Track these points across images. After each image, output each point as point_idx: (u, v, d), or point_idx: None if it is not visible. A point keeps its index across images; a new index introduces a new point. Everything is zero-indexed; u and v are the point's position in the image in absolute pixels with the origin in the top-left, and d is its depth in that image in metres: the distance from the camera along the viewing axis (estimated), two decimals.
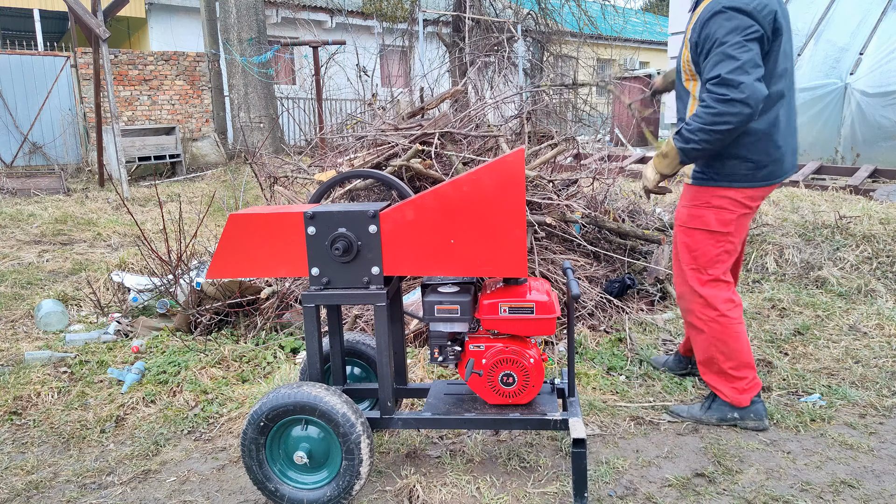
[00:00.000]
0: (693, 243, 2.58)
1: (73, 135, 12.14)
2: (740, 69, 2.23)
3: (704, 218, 2.54)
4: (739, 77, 2.22)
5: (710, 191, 2.53)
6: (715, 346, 2.58)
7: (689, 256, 2.60)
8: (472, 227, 2.01)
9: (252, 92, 11.90)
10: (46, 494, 2.31)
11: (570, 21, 11.49)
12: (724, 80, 2.24)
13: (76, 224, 7.14)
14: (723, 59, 2.27)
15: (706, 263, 2.57)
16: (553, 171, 4.89)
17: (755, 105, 2.24)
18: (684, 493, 2.20)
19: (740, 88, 2.22)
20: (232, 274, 2.19)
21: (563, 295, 3.64)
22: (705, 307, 2.58)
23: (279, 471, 2.12)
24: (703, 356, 2.65)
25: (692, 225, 2.58)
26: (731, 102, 2.24)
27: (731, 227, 2.53)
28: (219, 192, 8.64)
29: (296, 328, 3.70)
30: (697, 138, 2.34)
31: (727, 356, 2.57)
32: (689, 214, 2.59)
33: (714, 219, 2.53)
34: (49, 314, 3.96)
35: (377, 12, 13.47)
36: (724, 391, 2.62)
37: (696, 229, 2.57)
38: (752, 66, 2.25)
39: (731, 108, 2.24)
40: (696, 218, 2.57)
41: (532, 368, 2.18)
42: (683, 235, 2.62)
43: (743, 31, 2.27)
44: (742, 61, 2.24)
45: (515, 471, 2.34)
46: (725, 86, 2.25)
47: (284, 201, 4.56)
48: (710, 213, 2.53)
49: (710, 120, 2.29)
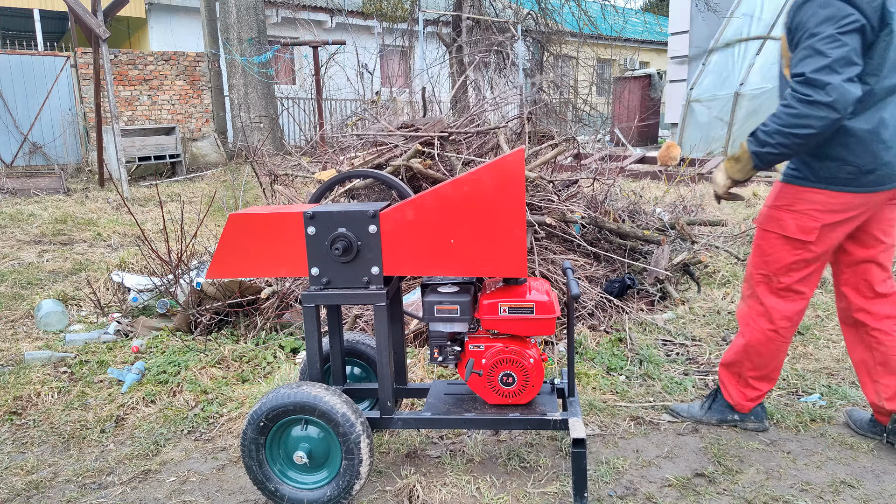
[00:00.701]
0: (767, 247, 2.34)
1: (73, 135, 12.14)
2: (828, 68, 1.98)
3: (782, 222, 2.28)
4: (826, 77, 1.97)
5: (797, 191, 2.25)
6: (748, 355, 2.45)
7: (760, 260, 2.38)
8: (472, 227, 2.01)
9: (252, 92, 11.90)
10: (46, 494, 2.31)
11: (570, 21, 11.48)
12: (809, 80, 2.00)
13: (76, 224, 7.14)
14: (810, 55, 2.02)
15: (777, 271, 2.33)
16: (553, 172, 4.89)
17: (842, 109, 1.99)
18: (684, 493, 2.20)
19: (826, 90, 1.97)
20: (232, 274, 2.19)
21: (563, 295, 3.64)
22: (761, 317, 2.40)
23: (279, 471, 2.12)
24: (732, 356, 2.51)
25: (767, 227, 2.34)
26: (815, 105, 2.00)
27: (811, 235, 2.24)
28: (219, 192, 8.64)
29: (296, 328, 3.70)
30: (774, 141, 2.11)
31: (756, 366, 2.46)
32: (766, 215, 2.35)
33: (793, 224, 2.26)
34: (49, 314, 3.96)
35: (377, 12, 13.47)
36: (733, 393, 2.54)
37: (770, 232, 2.33)
38: (843, 63, 1.98)
39: (814, 110, 2.00)
40: (773, 220, 2.31)
41: (532, 368, 2.18)
42: (758, 236, 2.40)
43: (838, 21, 1.99)
44: (831, 59, 1.98)
45: (515, 471, 2.34)
46: (810, 86, 2.00)
47: (284, 201, 4.56)
48: (790, 218, 2.27)
49: (789, 122, 2.06)
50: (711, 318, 3.84)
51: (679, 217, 5.23)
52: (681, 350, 3.45)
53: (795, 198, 2.26)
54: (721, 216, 6.15)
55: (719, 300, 4.09)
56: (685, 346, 3.48)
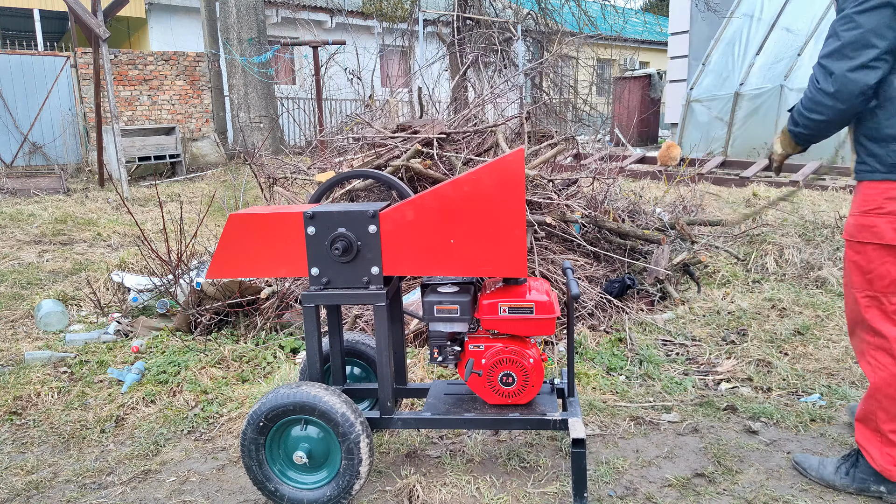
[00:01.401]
0: (866, 262, 1.99)
1: (73, 135, 12.14)
2: (837, 53, 1.86)
3: (877, 228, 1.95)
4: (833, 64, 1.87)
5: (883, 189, 1.95)
6: (879, 402, 2.03)
7: (862, 279, 2.02)
8: (472, 227, 2.01)
9: (252, 92, 11.90)
10: (46, 494, 2.31)
11: (570, 21, 11.48)
12: (820, 66, 1.92)
13: (76, 224, 7.14)
14: (830, 35, 1.91)
15: (886, 289, 1.97)
16: (553, 171, 4.89)
17: (846, 101, 1.87)
18: (684, 493, 2.20)
19: (832, 80, 1.88)
20: (232, 274, 2.19)
21: (563, 295, 3.64)
22: (881, 352, 2.02)
23: (279, 471, 2.12)
24: (864, 409, 2.09)
25: (862, 238, 2.00)
26: (822, 93, 1.92)
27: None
28: (219, 192, 8.64)
29: (296, 328, 3.70)
30: (802, 122, 2.05)
31: (892, 417, 2.03)
32: (856, 224, 2.02)
33: (890, 229, 1.93)
34: (49, 314, 3.96)
35: (377, 12, 13.47)
36: (875, 456, 2.07)
37: (865, 244, 1.99)
38: (855, 48, 1.83)
39: (822, 98, 1.93)
40: (866, 229, 1.98)
41: (532, 368, 2.18)
42: (852, 252, 2.04)
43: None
44: (842, 42, 1.86)
45: (515, 471, 2.34)
46: (821, 71, 1.92)
47: (284, 202, 4.56)
48: (884, 222, 1.94)
49: (808, 105, 1.99)
50: (711, 318, 3.84)
51: (679, 217, 5.23)
52: (681, 350, 3.45)
53: (884, 196, 1.95)
54: (721, 216, 6.15)
55: (719, 300, 4.09)
56: (685, 346, 3.48)
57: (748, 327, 3.65)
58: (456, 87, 7.33)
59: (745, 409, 2.76)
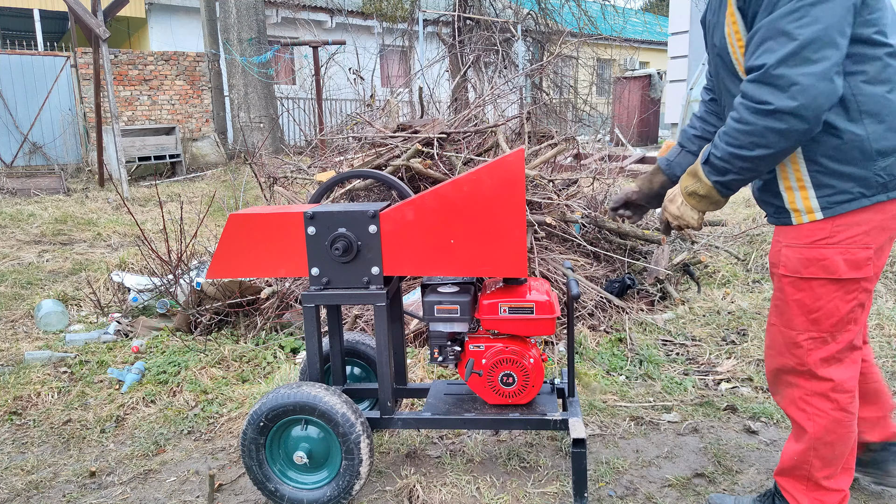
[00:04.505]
0: (811, 301, 1.69)
1: (73, 135, 12.14)
2: (795, 57, 1.44)
3: (827, 262, 1.64)
4: (791, 72, 1.44)
5: (839, 219, 1.63)
6: (816, 450, 1.78)
7: (805, 321, 1.71)
8: (472, 227, 2.01)
9: (252, 92, 11.90)
10: (46, 494, 2.31)
11: (570, 21, 11.48)
12: (767, 77, 1.47)
13: (76, 224, 7.14)
14: (770, 37, 1.47)
15: (835, 327, 1.69)
16: (553, 171, 4.89)
17: (815, 118, 1.47)
18: (684, 493, 2.20)
19: (791, 92, 1.45)
20: (232, 274, 2.19)
21: (563, 295, 3.64)
22: (817, 396, 1.75)
23: (279, 471, 2.12)
24: (791, 461, 1.84)
25: (808, 274, 1.67)
26: (775, 115, 1.48)
27: (868, 267, 1.64)
28: (219, 192, 8.64)
29: (296, 328, 3.70)
30: (735, 167, 1.61)
31: (827, 462, 1.79)
32: (801, 259, 1.68)
33: (843, 260, 1.63)
34: (49, 314, 3.96)
35: (377, 12, 13.47)
36: (803, 501, 1.83)
37: (811, 280, 1.67)
38: (818, 48, 1.43)
39: (773, 123, 1.49)
40: (813, 263, 1.66)
41: (532, 368, 2.18)
42: (794, 290, 1.71)
43: None
44: (799, 42, 1.44)
45: (515, 471, 2.34)
46: (768, 86, 1.48)
47: (284, 201, 4.56)
48: (836, 252, 1.63)
49: (744, 141, 1.55)
50: (711, 318, 3.84)
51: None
52: (681, 350, 3.45)
53: (836, 224, 1.63)
54: (721, 216, 6.16)
55: (719, 300, 4.09)
56: (685, 346, 3.48)
57: (748, 327, 3.65)
58: (456, 88, 7.33)
59: (745, 409, 2.76)
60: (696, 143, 2.06)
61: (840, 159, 1.59)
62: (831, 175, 1.61)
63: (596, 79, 13.45)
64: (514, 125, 5.20)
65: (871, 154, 1.57)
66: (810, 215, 1.65)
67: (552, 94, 10.98)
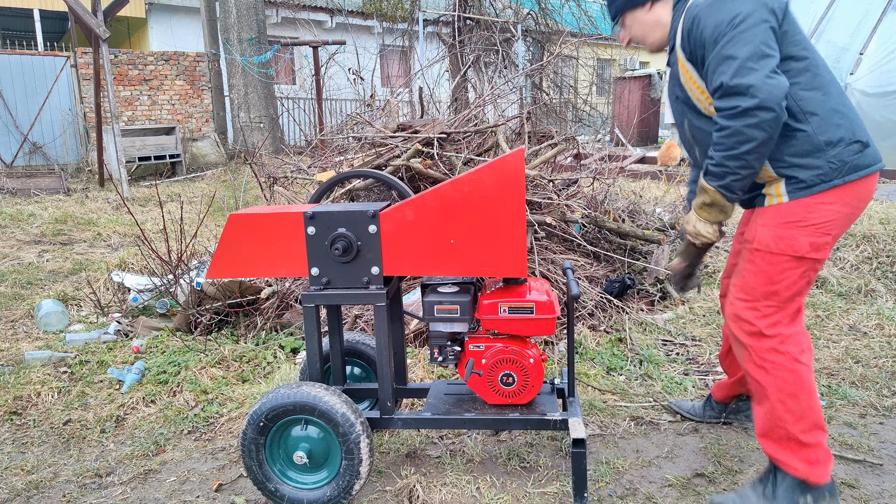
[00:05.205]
0: (775, 273, 1.96)
1: (73, 135, 12.14)
2: (742, 69, 1.78)
3: (795, 241, 1.93)
4: (743, 80, 1.78)
5: (810, 201, 1.92)
6: (783, 404, 1.97)
7: (768, 289, 1.98)
8: (472, 227, 2.01)
9: (252, 92, 11.90)
10: (46, 494, 2.31)
11: (570, 21, 11.48)
12: (728, 90, 1.80)
13: (76, 224, 7.14)
14: (719, 64, 1.83)
15: (791, 296, 1.98)
16: (553, 171, 4.89)
17: (776, 105, 1.77)
18: (684, 493, 2.20)
19: (750, 92, 1.77)
20: (232, 274, 2.19)
21: (563, 295, 3.64)
22: (777, 353, 1.98)
23: (279, 471, 2.12)
24: (766, 422, 2.03)
25: (776, 249, 1.96)
26: (746, 114, 1.79)
27: (825, 250, 1.96)
28: (219, 192, 8.64)
29: (296, 328, 3.70)
30: (731, 168, 1.87)
31: (798, 416, 1.97)
32: (774, 236, 1.96)
33: (808, 241, 1.93)
34: (49, 314, 3.96)
35: (377, 12, 13.47)
36: (794, 464, 1.99)
37: (779, 254, 1.96)
38: (756, 59, 1.78)
39: (748, 119, 1.79)
40: (783, 240, 1.95)
41: (532, 368, 2.18)
42: (761, 261, 1.99)
43: (730, 20, 1.82)
44: (741, 58, 1.79)
45: (515, 471, 2.34)
46: (732, 96, 1.80)
47: (284, 201, 4.56)
48: (803, 235, 1.93)
49: (731, 143, 1.84)
50: (711, 318, 3.84)
51: (679, 217, 5.23)
52: (681, 350, 3.45)
53: (808, 207, 1.92)
54: None
55: (719, 300, 4.08)
56: (685, 346, 3.48)
57: None
58: (456, 88, 7.33)
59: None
60: None
61: (798, 153, 1.92)
62: (793, 167, 1.94)
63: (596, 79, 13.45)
64: (514, 125, 5.20)
65: (819, 145, 1.90)
66: (779, 199, 1.98)
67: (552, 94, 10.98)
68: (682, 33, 1.98)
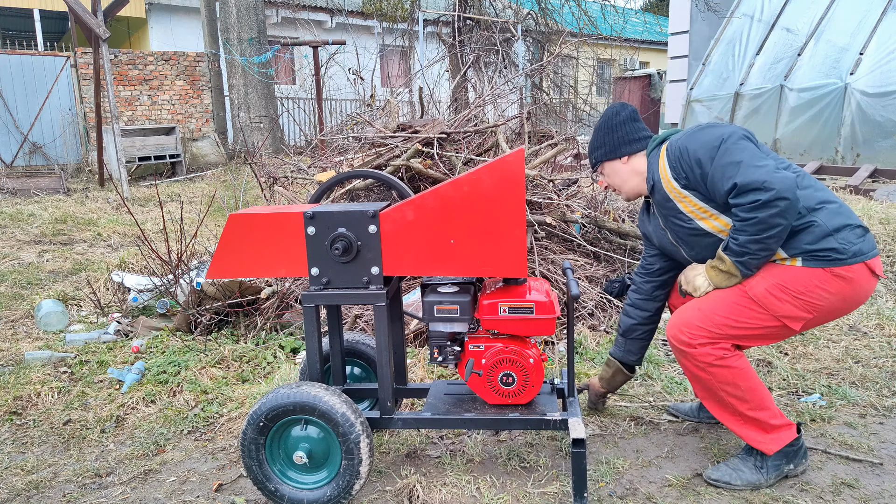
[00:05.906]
0: (746, 317, 2.10)
1: (73, 135, 12.14)
2: (750, 168, 1.96)
3: (781, 304, 2.07)
4: (756, 178, 1.93)
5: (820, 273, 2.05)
6: (725, 391, 2.16)
7: (731, 320, 2.11)
8: (472, 227, 2.01)
9: (252, 92, 11.90)
10: (46, 494, 2.31)
11: (570, 21, 11.48)
12: (744, 188, 1.95)
13: (76, 224, 7.14)
14: (727, 168, 2.00)
15: (745, 337, 2.14)
16: (553, 171, 4.89)
17: (791, 193, 1.92)
18: (684, 493, 2.20)
19: (765, 185, 1.91)
20: (232, 274, 2.19)
21: (563, 295, 3.64)
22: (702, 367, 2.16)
23: (279, 471, 2.12)
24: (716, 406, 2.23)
25: (760, 300, 2.09)
26: (767, 205, 1.92)
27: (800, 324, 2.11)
28: (219, 192, 8.64)
29: (296, 328, 3.70)
30: (752, 250, 2.02)
31: (741, 398, 2.16)
32: (765, 289, 2.08)
33: (792, 310, 2.08)
34: (49, 314, 3.96)
35: (377, 12, 13.46)
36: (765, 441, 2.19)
37: (759, 306, 2.10)
38: (757, 160, 1.98)
39: (770, 210, 1.92)
40: (771, 297, 2.08)
41: (532, 368, 2.18)
42: (739, 298, 2.11)
43: (720, 136, 2.06)
44: (744, 160, 1.98)
45: (515, 471, 2.34)
46: (749, 192, 1.94)
47: (284, 201, 4.56)
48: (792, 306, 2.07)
49: (755, 230, 1.97)
50: None
51: None
52: None
53: (808, 285, 2.05)
54: None
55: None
56: None
57: None
58: (456, 88, 7.33)
59: None
60: (638, 330, 2.56)
61: (812, 241, 2.05)
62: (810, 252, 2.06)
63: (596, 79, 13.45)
64: (514, 125, 5.20)
65: (829, 231, 2.04)
66: (793, 262, 2.08)
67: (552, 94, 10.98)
68: (668, 170, 2.16)
